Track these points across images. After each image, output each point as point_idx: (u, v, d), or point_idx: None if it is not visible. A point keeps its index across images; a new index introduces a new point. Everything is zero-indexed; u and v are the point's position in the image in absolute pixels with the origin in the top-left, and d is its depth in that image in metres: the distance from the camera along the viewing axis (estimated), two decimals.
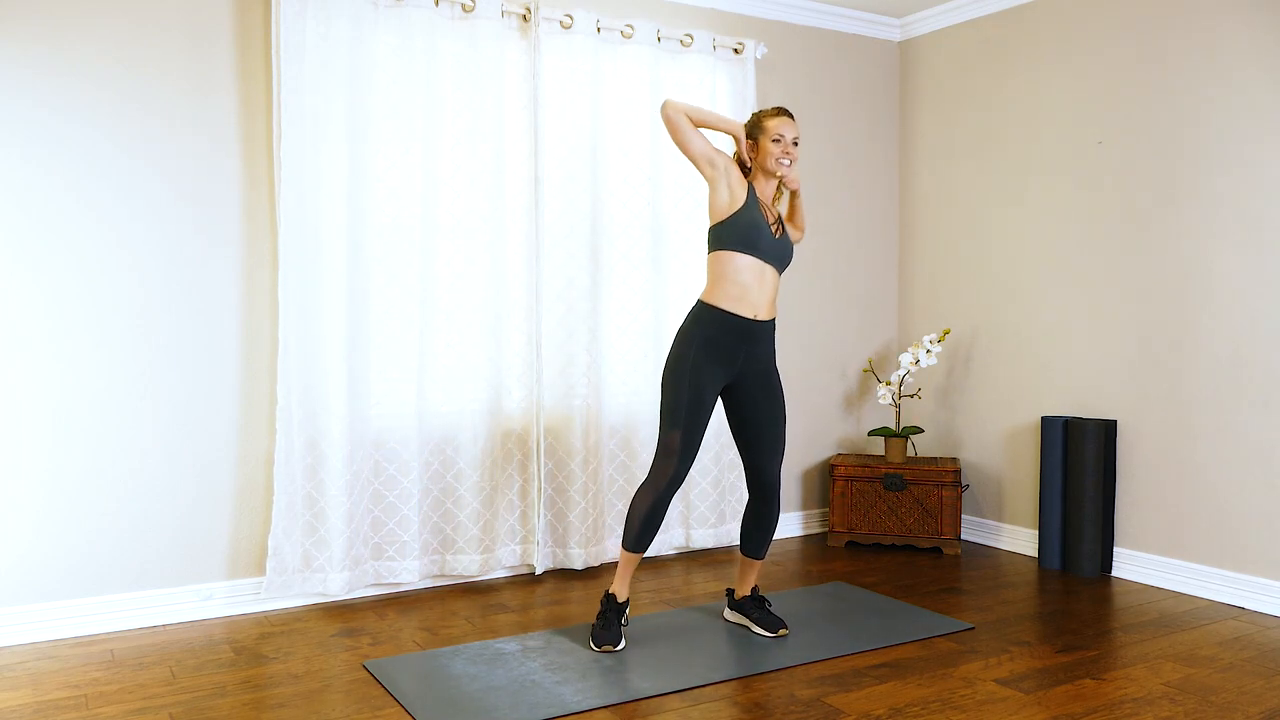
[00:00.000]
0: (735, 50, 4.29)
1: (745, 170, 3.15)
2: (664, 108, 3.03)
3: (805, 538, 4.62)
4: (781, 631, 3.17)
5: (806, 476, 4.72)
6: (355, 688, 2.75)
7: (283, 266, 3.37)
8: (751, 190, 3.08)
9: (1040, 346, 4.26)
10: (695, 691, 2.72)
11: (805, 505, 4.73)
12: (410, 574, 3.62)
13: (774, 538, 4.54)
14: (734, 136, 3.13)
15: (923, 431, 4.66)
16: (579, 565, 3.93)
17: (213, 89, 3.35)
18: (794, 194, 3.30)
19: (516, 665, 2.90)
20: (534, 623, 3.33)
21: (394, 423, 3.62)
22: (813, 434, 4.72)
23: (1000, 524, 4.44)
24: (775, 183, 3.16)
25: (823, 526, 4.74)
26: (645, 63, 4.06)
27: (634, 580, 3.84)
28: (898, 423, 4.53)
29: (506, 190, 3.78)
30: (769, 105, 4.46)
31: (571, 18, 3.87)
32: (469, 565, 3.73)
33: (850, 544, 4.46)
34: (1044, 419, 4.05)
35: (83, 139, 3.17)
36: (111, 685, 2.76)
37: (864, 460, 4.49)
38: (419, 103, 3.61)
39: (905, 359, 4.46)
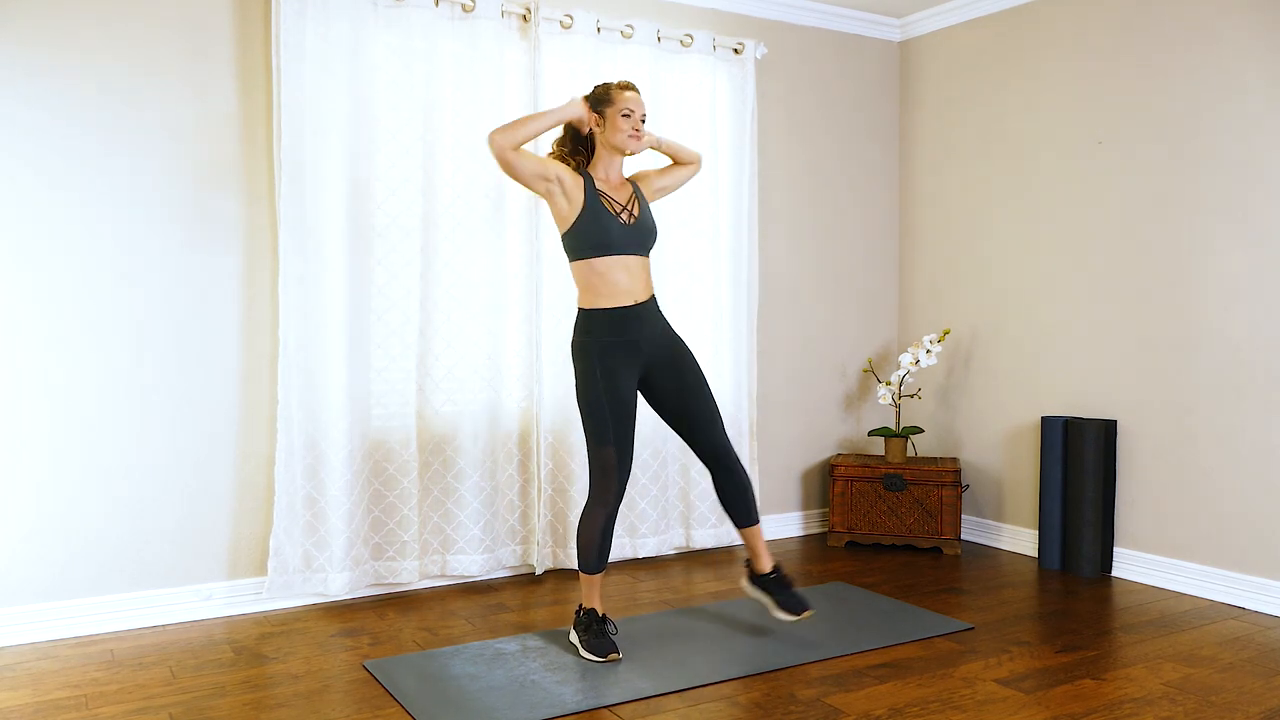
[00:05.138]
0: (735, 50, 4.29)
1: (588, 148, 3.05)
2: (488, 143, 2.88)
3: (805, 538, 4.62)
4: (806, 614, 3.05)
5: (806, 476, 4.72)
6: (355, 688, 2.75)
7: (283, 266, 3.37)
8: (589, 185, 2.98)
9: (1040, 346, 4.26)
10: (695, 691, 2.71)
11: (805, 505, 4.72)
12: (410, 574, 3.62)
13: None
14: (573, 121, 3.03)
15: (923, 431, 4.66)
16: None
17: (213, 89, 3.35)
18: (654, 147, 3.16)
19: (516, 665, 2.90)
20: (534, 623, 3.33)
21: (394, 423, 3.62)
22: (813, 434, 4.72)
23: (1000, 524, 4.44)
24: (621, 159, 3.05)
25: (823, 526, 4.74)
26: (645, 63, 4.06)
27: (634, 580, 3.85)
28: (898, 423, 4.53)
29: (506, 190, 3.78)
30: (768, 102, 4.47)
31: (571, 18, 3.87)
32: (469, 565, 3.73)
33: (850, 544, 4.46)
34: (1044, 419, 4.05)
35: (82, 139, 3.17)
36: (111, 685, 2.76)
37: (864, 460, 4.49)
38: (419, 103, 3.61)
39: (905, 359, 4.46)
